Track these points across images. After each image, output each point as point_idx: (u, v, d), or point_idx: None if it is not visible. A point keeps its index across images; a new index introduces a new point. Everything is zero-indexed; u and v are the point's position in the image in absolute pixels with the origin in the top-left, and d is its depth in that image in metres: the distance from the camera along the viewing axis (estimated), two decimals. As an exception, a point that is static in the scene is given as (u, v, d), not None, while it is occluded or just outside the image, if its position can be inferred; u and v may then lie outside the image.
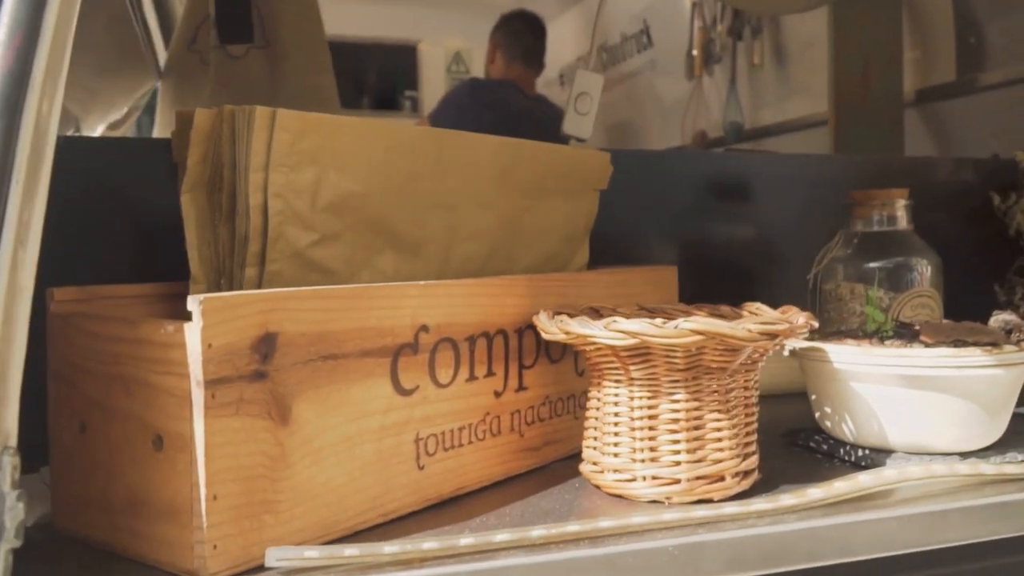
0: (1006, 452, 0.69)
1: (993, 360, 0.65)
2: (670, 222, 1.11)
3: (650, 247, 1.11)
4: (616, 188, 0.89)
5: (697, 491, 0.60)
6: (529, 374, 0.69)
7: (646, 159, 1.15)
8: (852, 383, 0.69)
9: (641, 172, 1.11)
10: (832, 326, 0.91)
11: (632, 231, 1.10)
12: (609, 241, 1.05)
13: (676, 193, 1.13)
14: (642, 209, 1.10)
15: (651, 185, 1.11)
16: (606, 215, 0.88)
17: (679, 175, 1.12)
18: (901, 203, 0.92)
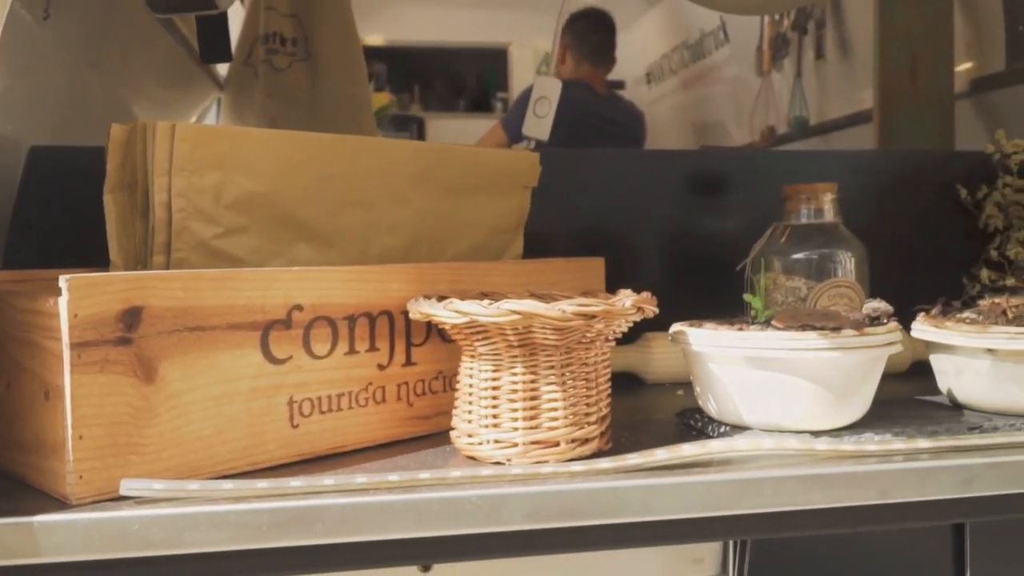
0: (863, 432, 0.73)
1: (829, 344, 0.69)
2: (652, 219, 1.17)
3: (629, 244, 1.17)
4: (588, 186, 0.97)
5: (533, 454, 0.68)
6: (419, 351, 0.78)
7: (624, 158, 1.22)
8: (710, 364, 0.75)
9: (620, 170, 1.18)
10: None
11: (607, 229, 1.16)
12: (580, 237, 1.13)
13: (656, 191, 1.19)
14: (616, 207, 1.17)
15: (634, 184, 1.18)
16: (575, 212, 0.96)
17: (662, 174, 1.18)
18: (828, 197, 0.95)
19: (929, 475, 0.67)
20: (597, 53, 2.54)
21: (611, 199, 1.17)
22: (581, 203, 1.15)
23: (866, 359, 0.72)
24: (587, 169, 1.16)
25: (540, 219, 1.12)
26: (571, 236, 1.15)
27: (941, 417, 0.78)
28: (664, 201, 1.19)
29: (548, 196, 1.13)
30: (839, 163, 1.22)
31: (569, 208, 1.15)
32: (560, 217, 1.14)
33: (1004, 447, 0.71)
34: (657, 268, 1.19)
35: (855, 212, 1.18)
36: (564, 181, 1.14)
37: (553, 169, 1.14)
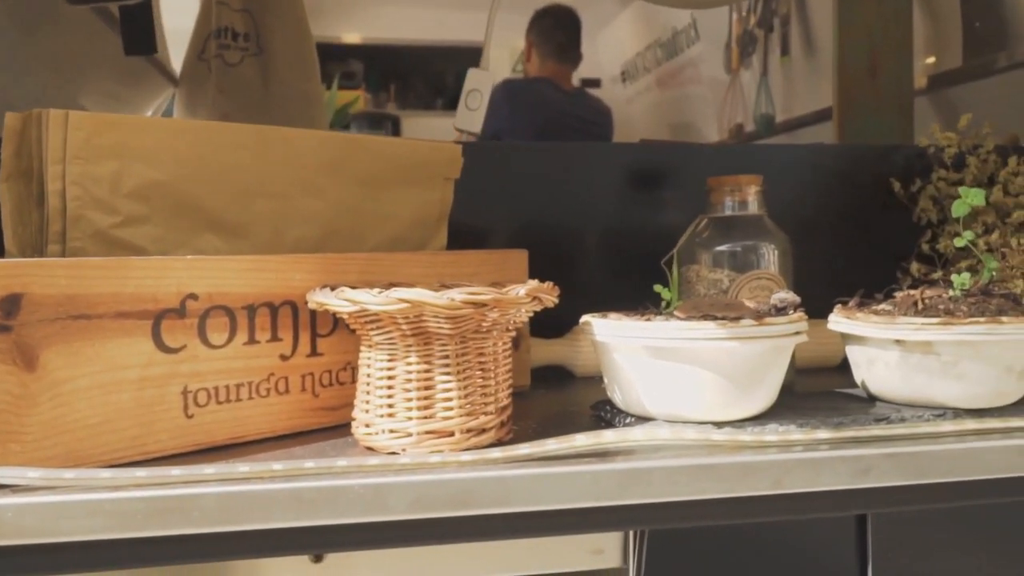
0: (767, 423, 0.72)
1: (727, 334, 0.69)
2: (594, 213, 1.17)
3: (571, 237, 1.17)
4: (527, 180, 0.96)
5: (427, 444, 0.67)
6: (325, 342, 0.77)
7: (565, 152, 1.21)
8: (614, 355, 0.74)
9: (562, 164, 1.18)
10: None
11: (548, 222, 1.16)
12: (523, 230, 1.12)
13: (597, 185, 1.18)
14: (560, 200, 1.16)
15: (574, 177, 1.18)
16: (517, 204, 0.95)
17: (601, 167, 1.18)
18: (752, 189, 0.95)
19: (824, 465, 0.67)
20: (562, 50, 2.54)
21: (551, 193, 1.17)
22: (521, 197, 1.14)
23: (767, 349, 0.71)
24: (526, 163, 1.16)
25: (478, 213, 1.13)
26: (510, 230, 1.15)
27: (851, 409, 0.78)
28: (605, 195, 1.18)
29: (486, 190, 1.13)
30: (778, 157, 1.22)
31: (508, 202, 1.14)
32: (499, 211, 1.14)
33: (904, 438, 0.71)
34: (599, 261, 1.19)
35: (791, 206, 1.18)
36: (504, 175, 1.14)
37: (492, 162, 1.14)
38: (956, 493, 0.70)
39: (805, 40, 2.41)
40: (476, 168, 1.12)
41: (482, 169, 1.12)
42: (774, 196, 1.16)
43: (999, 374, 0.75)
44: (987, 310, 0.76)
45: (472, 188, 1.11)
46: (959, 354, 0.74)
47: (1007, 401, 0.77)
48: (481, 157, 1.13)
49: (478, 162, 1.12)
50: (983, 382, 0.75)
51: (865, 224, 1.18)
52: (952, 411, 0.76)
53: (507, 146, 1.16)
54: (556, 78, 2.52)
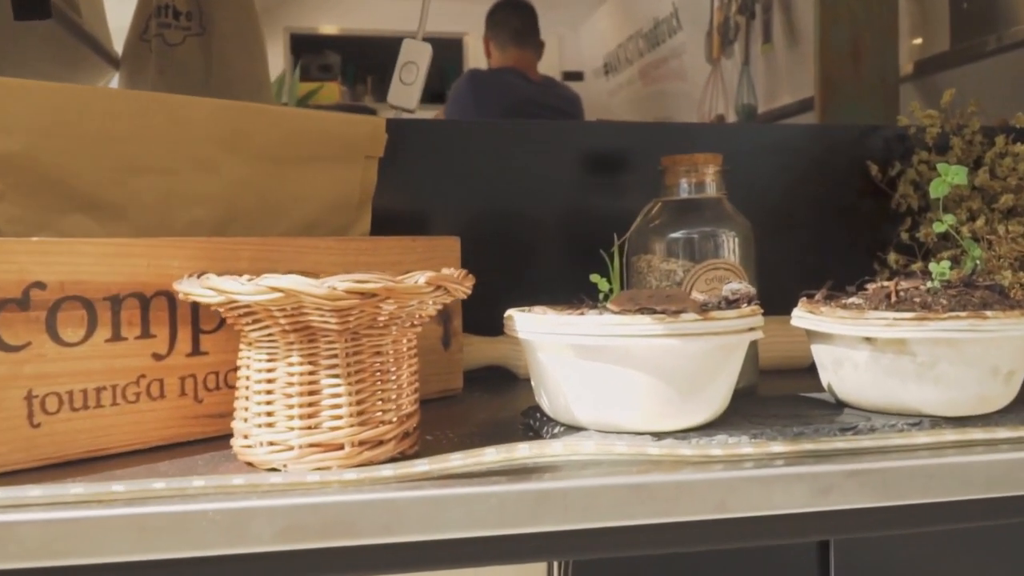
0: (716, 434, 0.63)
1: (665, 330, 0.59)
2: (548, 196, 1.07)
3: (524, 223, 1.07)
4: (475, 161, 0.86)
5: (311, 459, 0.57)
6: (210, 339, 0.67)
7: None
8: (539, 354, 0.64)
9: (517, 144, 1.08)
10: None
11: (499, 207, 1.06)
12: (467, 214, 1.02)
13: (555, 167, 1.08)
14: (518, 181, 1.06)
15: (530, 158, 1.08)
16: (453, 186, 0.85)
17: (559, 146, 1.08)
18: (710, 170, 0.85)
19: (777, 484, 0.57)
20: (520, 36, 2.42)
21: (502, 176, 1.06)
22: (467, 180, 1.04)
23: (713, 348, 0.61)
24: (471, 142, 1.06)
25: (417, 198, 1.02)
26: (456, 217, 1.05)
27: (814, 417, 0.68)
28: (562, 178, 1.08)
29: (427, 172, 1.03)
30: (746, 138, 1.12)
31: (453, 186, 1.04)
32: (442, 196, 1.04)
33: (872, 452, 0.61)
34: (556, 250, 1.08)
35: (759, 191, 1.08)
36: (448, 156, 1.04)
37: (433, 142, 1.04)
38: (932, 516, 0.61)
39: (788, 28, 2.31)
40: (414, 148, 1.02)
41: (421, 149, 1.03)
42: (740, 180, 1.07)
43: (983, 376, 0.65)
44: (969, 303, 0.66)
45: (411, 170, 1.02)
46: (937, 354, 0.65)
47: (992, 407, 0.68)
48: (419, 136, 1.03)
49: (416, 141, 1.02)
50: (964, 386, 0.65)
51: (841, 211, 1.09)
52: (929, 419, 0.66)
53: (449, 124, 1.06)
54: (521, 67, 2.41)
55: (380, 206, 0.96)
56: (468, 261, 1.00)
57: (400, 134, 0.99)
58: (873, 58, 1.76)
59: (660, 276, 0.83)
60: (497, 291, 0.97)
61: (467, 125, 1.08)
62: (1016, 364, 0.67)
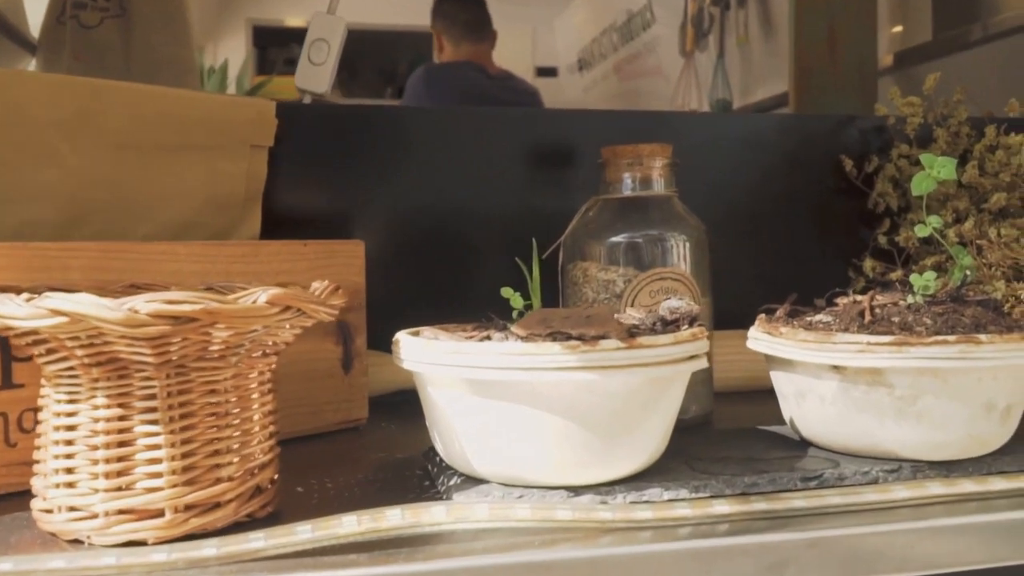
0: (648, 488, 0.50)
1: (578, 360, 0.47)
2: (491, 193, 0.94)
3: (465, 224, 0.94)
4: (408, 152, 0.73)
5: (120, 529, 0.44)
6: (26, 369, 0.54)
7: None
8: (429, 389, 0.52)
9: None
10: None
11: (437, 207, 0.93)
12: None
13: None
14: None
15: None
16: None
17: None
18: (658, 163, 0.73)
19: (719, 560, 0.45)
20: (472, 29, 2.28)
21: (430, 169, 0.94)
22: (389, 174, 0.91)
23: (643, 382, 0.49)
24: (394, 131, 0.93)
25: (328, 196, 0.89)
26: (375, 215, 0.92)
27: (772, 461, 0.56)
28: (502, 173, 0.95)
29: (340, 165, 0.90)
30: (704, 130, 0.99)
31: (372, 181, 0.91)
32: (358, 193, 0.91)
33: (839, 511, 0.49)
34: (493, 254, 0.95)
35: (717, 189, 0.96)
36: (365, 146, 0.91)
37: (347, 130, 0.91)
38: (913, 594, 0.49)
39: (763, 20, 2.20)
40: (320, 138, 0.89)
41: (329, 139, 0.90)
42: (700, 176, 0.94)
43: (975, 413, 0.54)
44: (959, 324, 0.55)
45: (317, 164, 0.89)
46: (919, 386, 0.53)
47: (985, 449, 0.56)
48: (327, 124, 0.90)
49: (323, 130, 0.89)
50: (952, 425, 0.54)
51: (813, 212, 0.97)
52: (910, 464, 0.54)
53: (367, 109, 0.93)
54: (477, 60, 2.28)
55: (278, 206, 0.84)
56: (382, 268, 0.87)
57: (304, 121, 0.87)
58: (850, 48, 1.65)
59: (597, 287, 0.71)
60: (418, 303, 0.85)
61: (386, 112, 0.95)
62: (1015, 398, 0.55)
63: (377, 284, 0.89)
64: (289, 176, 0.87)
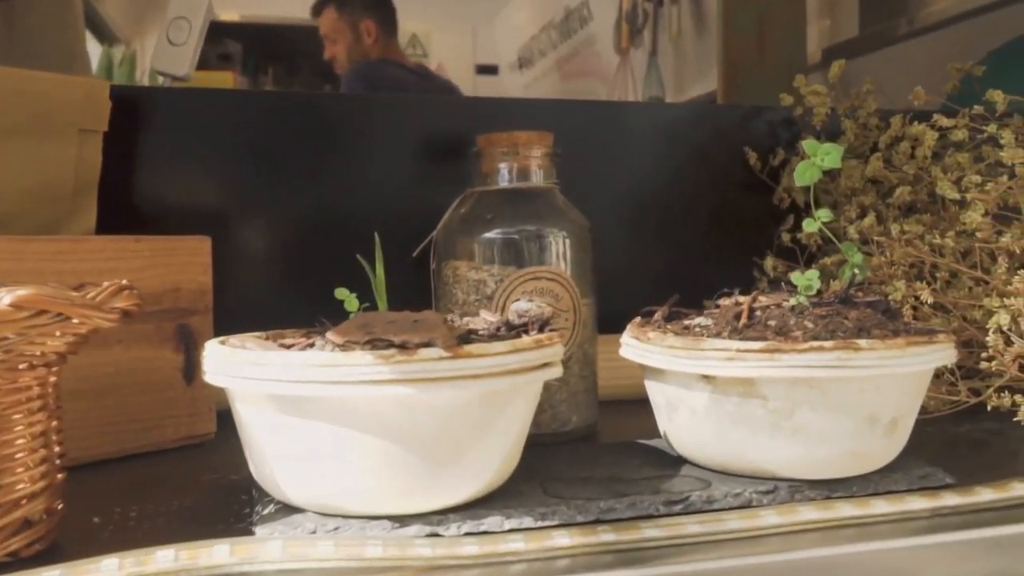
0: (488, 516, 0.44)
1: (392, 372, 0.40)
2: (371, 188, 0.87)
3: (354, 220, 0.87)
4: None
5: None
6: None
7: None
8: (236, 405, 0.45)
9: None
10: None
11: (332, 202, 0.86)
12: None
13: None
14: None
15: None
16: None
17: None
18: (537, 152, 0.67)
19: (547, 603, 0.39)
20: (393, 22, 2.18)
21: (309, 161, 0.86)
22: (262, 164, 0.84)
23: (474, 396, 0.43)
24: (268, 118, 0.85)
25: (186, 189, 0.82)
26: (241, 209, 0.84)
27: (639, 480, 0.50)
28: (390, 167, 0.88)
29: (205, 155, 0.82)
30: (598, 118, 0.93)
31: (242, 173, 0.84)
32: (226, 186, 0.84)
33: (702, 541, 0.43)
34: (387, 250, 0.88)
35: (624, 183, 0.91)
36: (234, 133, 0.84)
37: (212, 117, 0.83)
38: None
39: (696, 16, 2.16)
40: (185, 125, 0.81)
41: (197, 126, 0.82)
42: (594, 170, 0.89)
43: (857, 427, 0.48)
44: (840, 328, 0.49)
45: (181, 154, 0.81)
46: (795, 398, 0.47)
47: (872, 466, 0.51)
48: (183, 108, 0.82)
49: (188, 116, 0.81)
50: (832, 440, 0.48)
51: (720, 207, 0.91)
52: (788, 485, 0.49)
53: (224, 94, 0.86)
54: (398, 56, 2.20)
55: (122, 198, 0.76)
56: (239, 266, 0.81)
57: (157, 106, 0.79)
58: (779, 43, 1.61)
59: (468, 288, 0.65)
60: (295, 306, 0.78)
61: (253, 96, 0.88)
62: (902, 409, 0.50)
63: (247, 285, 0.82)
64: (149, 168, 0.80)
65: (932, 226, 0.71)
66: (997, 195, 0.65)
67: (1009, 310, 0.62)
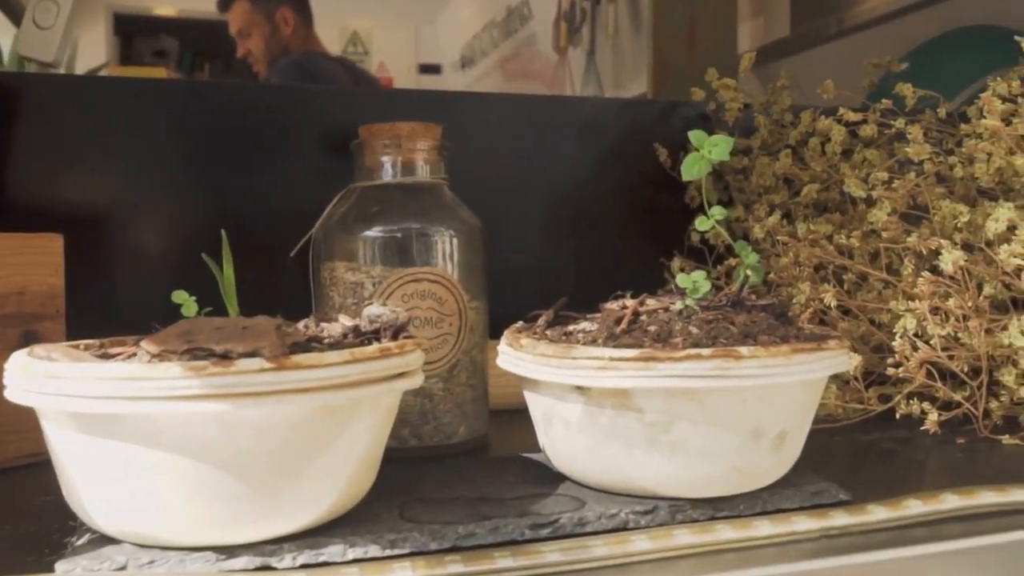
0: (330, 544, 0.40)
1: (204, 387, 0.35)
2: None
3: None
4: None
5: None
6: None
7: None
8: (43, 423, 0.40)
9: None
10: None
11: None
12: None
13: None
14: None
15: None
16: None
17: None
18: (422, 145, 0.62)
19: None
20: (308, 12, 2.09)
21: (195, 155, 0.81)
22: (158, 155, 0.78)
23: (306, 412, 0.38)
24: (154, 107, 0.80)
25: (65, 182, 0.76)
26: (121, 206, 0.79)
27: (509, 501, 0.46)
28: (258, 158, 0.83)
29: (83, 148, 0.76)
30: (499, 112, 0.88)
31: (109, 165, 0.78)
32: (117, 178, 0.78)
33: (561, 571, 0.39)
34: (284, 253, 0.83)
35: (530, 178, 0.87)
36: (103, 123, 0.78)
37: (92, 106, 0.77)
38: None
39: (633, 13, 2.13)
40: (48, 114, 0.75)
41: (60, 116, 0.76)
42: (494, 165, 0.85)
43: (741, 442, 0.44)
44: (724, 334, 0.45)
45: (51, 146, 0.75)
46: (673, 410, 0.43)
47: (759, 483, 0.47)
48: (53, 97, 0.76)
49: (53, 105, 0.75)
50: (715, 456, 0.44)
51: (633, 206, 0.88)
52: (669, 504, 0.45)
53: (99, 81, 0.80)
54: (320, 47, 2.12)
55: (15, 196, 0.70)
56: (101, 266, 0.75)
57: (20, 94, 0.73)
58: (710, 41, 1.59)
59: (345, 291, 0.60)
60: (148, 308, 0.72)
61: (130, 84, 0.81)
62: (790, 422, 0.46)
63: (110, 287, 0.77)
64: (7, 161, 0.73)
65: (842, 226, 0.69)
66: (905, 193, 0.62)
67: (915, 314, 0.59)
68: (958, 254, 0.55)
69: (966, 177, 0.62)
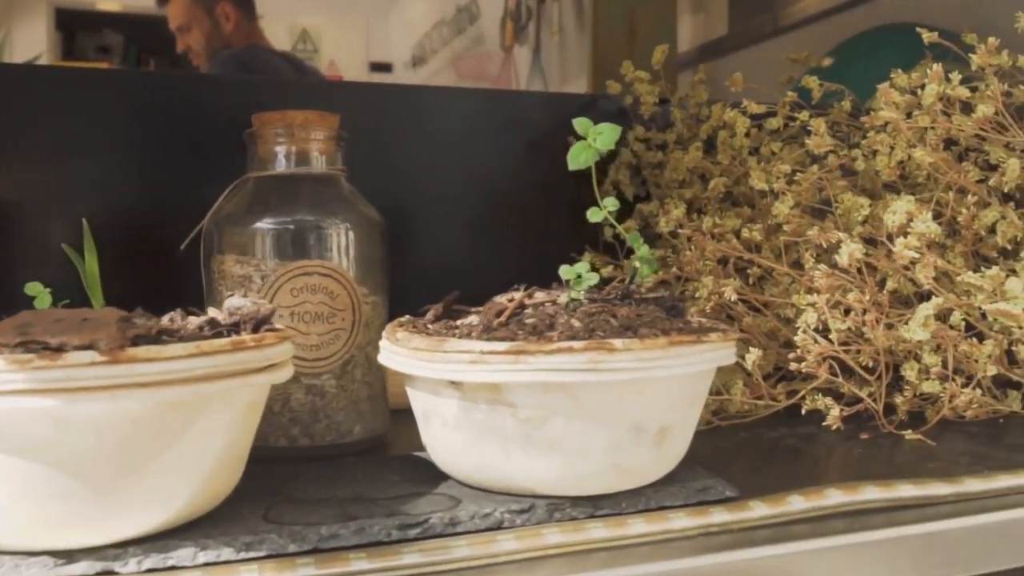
0: (180, 546, 0.38)
1: (31, 380, 0.33)
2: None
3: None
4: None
5: None
6: None
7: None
8: None
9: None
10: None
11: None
12: None
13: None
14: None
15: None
16: None
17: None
18: (318, 135, 0.60)
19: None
20: (251, 5, 2.05)
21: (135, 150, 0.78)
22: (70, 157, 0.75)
23: (147, 408, 0.36)
24: (57, 100, 0.77)
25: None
26: (74, 205, 0.76)
27: (382, 501, 0.44)
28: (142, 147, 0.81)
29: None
30: (423, 103, 0.87)
31: (65, 160, 0.75)
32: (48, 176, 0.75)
33: (420, 574, 0.37)
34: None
35: (448, 172, 0.85)
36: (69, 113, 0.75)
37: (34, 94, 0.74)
38: None
39: (578, 11, 2.13)
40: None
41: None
42: (407, 158, 0.84)
43: (619, 438, 0.43)
44: (603, 327, 0.44)
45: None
46: (547, 405, 0.42)
47: (641, 480, 0.46)
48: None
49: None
50: (592, 453, 0.43)
51: (552, 201, 0.87)
52: (547, 503, 0.44)
53: (21, 69, 0.77)
54: (263, 41, 2.08)
55: None
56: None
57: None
58: (650, 40, 1.58)
59: (233, 285, 0.58)
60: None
61: (54, 72, 0.78)
62: (672, 417, 0.45)
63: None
64: None
65: (751, 220, 0.68)
66: (808, 186, 0.61)
67: (816, 308, 0.58)
68: (854, 247, 0.55)
69: (869, 171, 0.61)
